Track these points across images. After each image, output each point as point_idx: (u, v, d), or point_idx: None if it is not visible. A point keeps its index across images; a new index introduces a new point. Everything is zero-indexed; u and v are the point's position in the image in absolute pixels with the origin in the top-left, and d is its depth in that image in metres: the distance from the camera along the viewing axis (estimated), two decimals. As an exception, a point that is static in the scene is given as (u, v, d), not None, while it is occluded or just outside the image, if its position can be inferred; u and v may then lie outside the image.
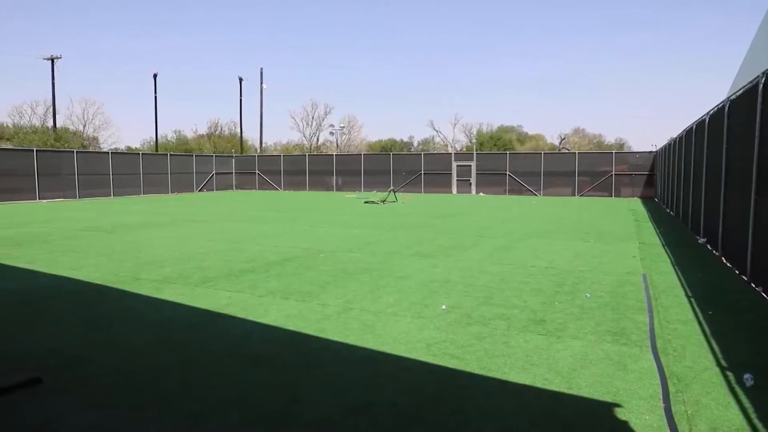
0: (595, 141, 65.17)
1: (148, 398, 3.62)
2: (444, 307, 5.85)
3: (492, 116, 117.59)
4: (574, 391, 3.68)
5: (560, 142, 67.23)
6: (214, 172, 37.72)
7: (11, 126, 53.74)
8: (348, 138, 70.28)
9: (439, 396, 3.65)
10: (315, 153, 47.60)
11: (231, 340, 4.78)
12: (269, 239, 11.46)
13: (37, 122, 54.80)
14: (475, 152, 34.14)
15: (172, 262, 8.75)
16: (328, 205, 22.90)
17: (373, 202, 24.08)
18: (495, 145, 56.75)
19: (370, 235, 12.13)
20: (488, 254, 9.36)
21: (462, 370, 4.08)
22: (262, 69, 60.20)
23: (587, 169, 29.94)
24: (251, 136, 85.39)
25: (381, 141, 66.21)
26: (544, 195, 30.15)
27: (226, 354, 4.44)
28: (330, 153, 42.52)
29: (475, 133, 67.03)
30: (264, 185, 38.20)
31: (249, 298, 6.27)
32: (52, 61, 47.07)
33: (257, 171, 38.70)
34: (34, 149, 28.71)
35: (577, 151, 32.12)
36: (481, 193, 31.50)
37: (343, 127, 67.51)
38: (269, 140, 78.91)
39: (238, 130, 56.13)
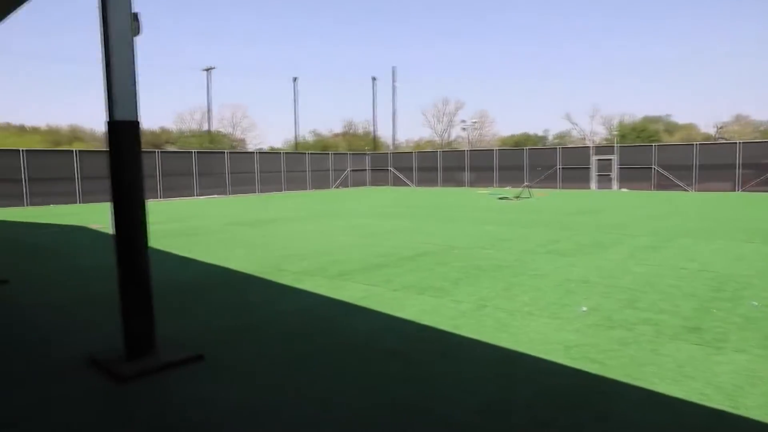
0: (761, 129, 57.93)
1: (288, 381, 3.85)
2: (584, 308, 5.55)
3: (635, 106, 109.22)
4: (741, 412, 3.30)
5: (716, 132, 60.71)
6: (349, 169, 39.23)
7: (175, 131, 60.26)
8: (479, 133, 69.36)
9: (578, 401, 3.46)
10: (447, 149, 47.63)
11: (367, 332, 4.94)
12: (402, 235, 11.67)
13: (195, 127, 60.88)
14: (616, 145, 31.95)
15: (311, 255, 9.25)
16: (460, 201, 22.80)
17: (506, 198, 23.55)
18: (638, 137, 52.67)
19: (504, 231, 11.87)
20: (631, 254, 8.72)
21: (604, 377, 3.84)
22: (394, 68, 61.43)
23: (751, 161, 26.67)
24: (384, 133, 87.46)
25: (514, 136, 64.46)
26: (697, 190, 27.44)
27: (362, 345, 4.59)
28: (462, 149, 42.31)
29: (616, 124, 62.79)
30: (397, 182, 39.00)
31: (384, 292, 6.44)
32: (208, 71, 51.98)
33: (390, 168, 39.60)
34: (193, 151, 31.89)
35: (738, 141, 28.78)
36: (624, 189, 29.44)
37: (475, 122, 66.69)
38: (401, 137, 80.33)
39: (372, 128, 57.88)
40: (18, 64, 74.92)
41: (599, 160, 30.89)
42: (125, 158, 4.09)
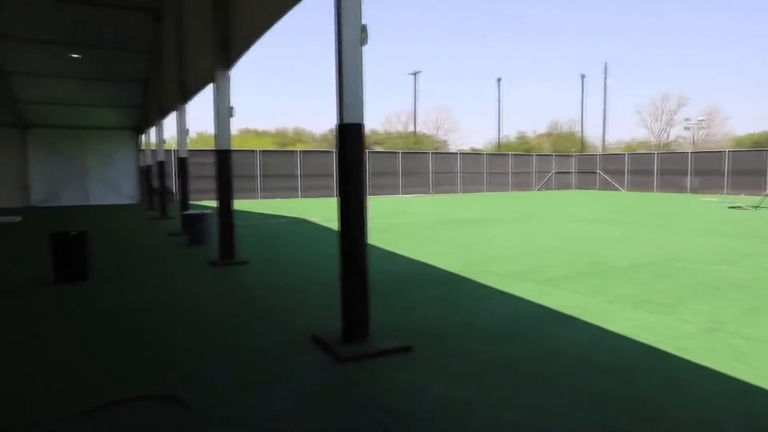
0: None
1: (496, 384, 3.81)
2: None
3: None
4: None
5: None
6: (553, 171, 37.74)
7: (383, 132, 64.13)
8: (706, 133, 61.29)
9: None
10: (665, 151, 43.01)
11: (577, 344, 4.67)
12: (614, 242, 10.83)
13: (401, 128, 64.05)
14: None
15: (517, 257, 9.07)
16: (681, 208, 20.40)
17: (740, 207, 20.44)
18: None
19: (739, 246, 10.30)
20: None
21: None
22: (606, 64, 57.33)
23: None
24: (592, 134, 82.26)
25: (752, 135, 55.62)
26: None
27: (572, 356, 4.36)
28: (683, 150, 37.81)
29: None
30: (605, 185, 36.41)
31: (595, 302, 6.03)
32: (415, 75, 54.19)
33: (598, 170, 37.13)
34: (399, 152, 33.55)
35: None
36: None
37: (701, 120, 59.09)
38: (611, 138, 74.69)
39: (578, 128, 54.80)
40: (253, 76, 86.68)
41: None
42: (352, 157, 4.44)
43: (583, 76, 50.63)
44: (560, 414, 3.36)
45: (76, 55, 17.43)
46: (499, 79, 51.60)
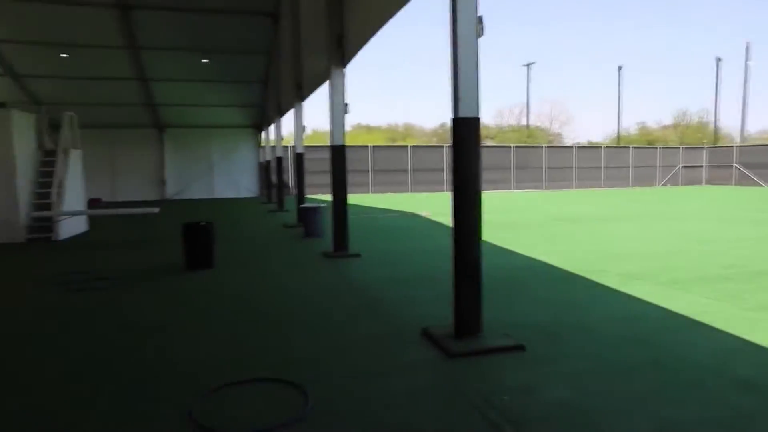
0: None
1: (615, 390, 3.58)
2: None
3: None
4: None
5: None
6: (680, 165, 34.94)
7: (494, 126, 62.88)
8: None
9: None
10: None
11: (711, 354, 4.27)
12: (751, 243, 9.81)
13: (513, 122, 62.41)
14: None
15: (637, 257, 8.51)
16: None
17: None
18: None
19: None
20: None
21: None
22: (747, 43, 51.96)
23: None
24: (726, 124, 74.99)
25: None
26: None
27: (705, 367, 4.00)
28: (841, 141, 33.34)
29: None
30: (744, 180, 33.06)
31: (731, 309, 5.49)
32: (528, 66, 52.53)
33: (735, 164, 33.78)
34: (512, 146, 32.71)
35: None
36: None
37: None
38: (751, 128, 67.59)
39: (711, 118, 50.23)
40: (365, 72, 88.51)
41: None
42: (467, 152, 4.39)
43: (718, 60, 46.24)
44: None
45: (205, 60, 18.83)
46: (620, 68, 48.64)
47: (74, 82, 20.00)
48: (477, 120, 4.41)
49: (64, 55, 17.67)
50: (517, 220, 14.36)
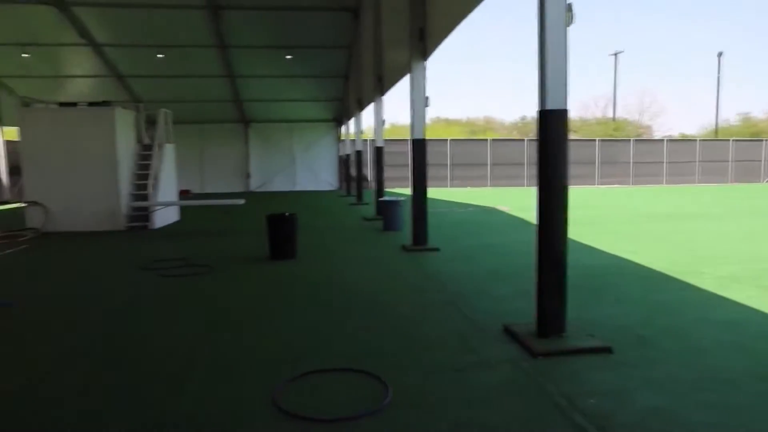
0: None
1: (714, 400, 3.35)
2: None
3: None
4: None
5: None
6: (788, 159, 32.12)
7: (578, 119, 60.52)
8: None
9: None
10: None
11: (824, 365, 3.91)
12: None
13: (599, 114, 59.75)
14: None
15: (735, 258, 7.93)
16: None
17: None
18: None
19: None
20: None
21: None
22: None
23: None
24: None
25: None
26: None
27: (817, 379, 3.66)
28: None
29: None
30: None
31: None
32: (615, 56, 50.14)
33: None
34: (597, 140, 31.34)
35: None
36: None
37: None
38: None
39: (825, 108, 45.73)
40: (444, 65, 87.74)
41: None
42: (554, 145, 4.24)
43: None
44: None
45: (289, 56, 19.37)
46: (719, 54, 45.30)
47: (168, 81, 21.22)
48: (565, 112, 4.25)
49: (161, 56, 18.75)
50: (602, 217, 13.76)
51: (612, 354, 4.12)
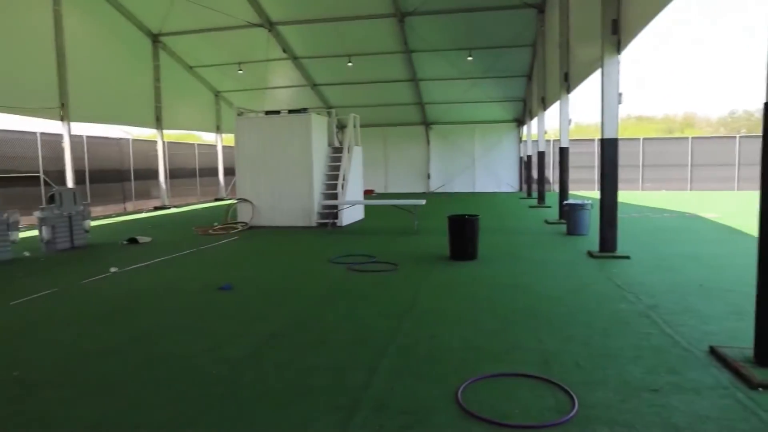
0: None
1: None
2: None
3: None
4: None
5: None
6: None
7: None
8: None
9: None
10: None
11: None
12: None
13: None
14: None
15: None
16: None
17: None
18: None
19: None
20: None
21: None
22: None
23: None
24: None
25: None
26: None
27: None
28: None
29: None
30: None
31: None
32: None
33: None
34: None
35: None
36: None
37: None
38: None
39: None
40: (637, 59, 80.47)
41: None
42: (783, 143, 3.66)
43: None
44: None
45: (470, 58, 19.42)
46: None
47: (356, 87, 22.71)
48: (799, 104, 3.63)
49: (350, 64, 20.10)
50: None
51: None
